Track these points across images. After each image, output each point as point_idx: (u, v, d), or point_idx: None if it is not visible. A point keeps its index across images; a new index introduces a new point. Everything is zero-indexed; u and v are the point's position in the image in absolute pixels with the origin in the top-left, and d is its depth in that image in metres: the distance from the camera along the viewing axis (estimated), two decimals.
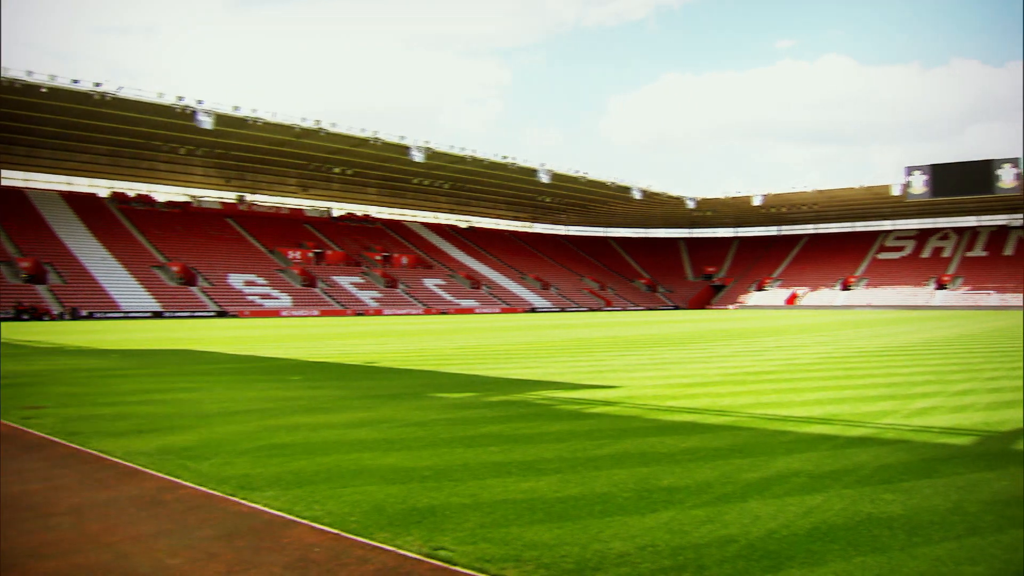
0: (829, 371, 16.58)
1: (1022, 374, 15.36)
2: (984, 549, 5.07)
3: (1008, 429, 9.36)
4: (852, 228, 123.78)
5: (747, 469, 7.34)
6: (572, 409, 11.65)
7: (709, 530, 5.51)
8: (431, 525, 5.63)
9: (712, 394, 12.91)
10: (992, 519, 5.70)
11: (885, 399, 12.04)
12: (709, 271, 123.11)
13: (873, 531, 5.47)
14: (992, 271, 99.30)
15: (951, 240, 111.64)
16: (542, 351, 23.50)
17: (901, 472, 7.15)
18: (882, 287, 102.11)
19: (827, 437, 8.96)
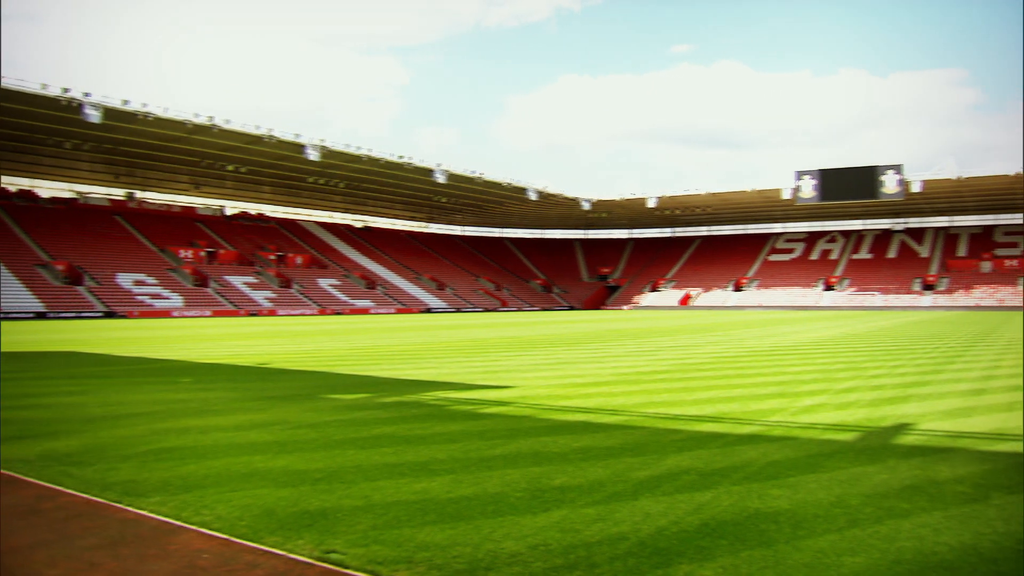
0: (720, 370, 17.08)
1: (903, 372, 16.20)
2: (864, 540, 5.34)
3: (888, 425, 9.84)
4: (744, 230, 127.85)
5: (638, 467, 7.51)
6: (466, 410, 11.68)
7: (600, 528, 5.62)
8: (323, 528, 5.59)
9: (605, 394, 13.14)
10: (872, 511, 6.00)
11: (774, 397, 12.49)
12: (604, 272, 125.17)
13: (760, 526, 5.68)
14: (877, 273, 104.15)
15: (839, 243, 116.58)
16: (437, 351, 23.46)
17: (788, 468, 7.45)
18: (773, 288, 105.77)
19: (717, 435, 9.23)
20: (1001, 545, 5.23)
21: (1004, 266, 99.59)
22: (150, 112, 62.36)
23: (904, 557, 5.01)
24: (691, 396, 12.83)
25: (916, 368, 17.09)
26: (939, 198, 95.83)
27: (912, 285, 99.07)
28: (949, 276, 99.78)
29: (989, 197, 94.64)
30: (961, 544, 5.24)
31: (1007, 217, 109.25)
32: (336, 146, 75.11)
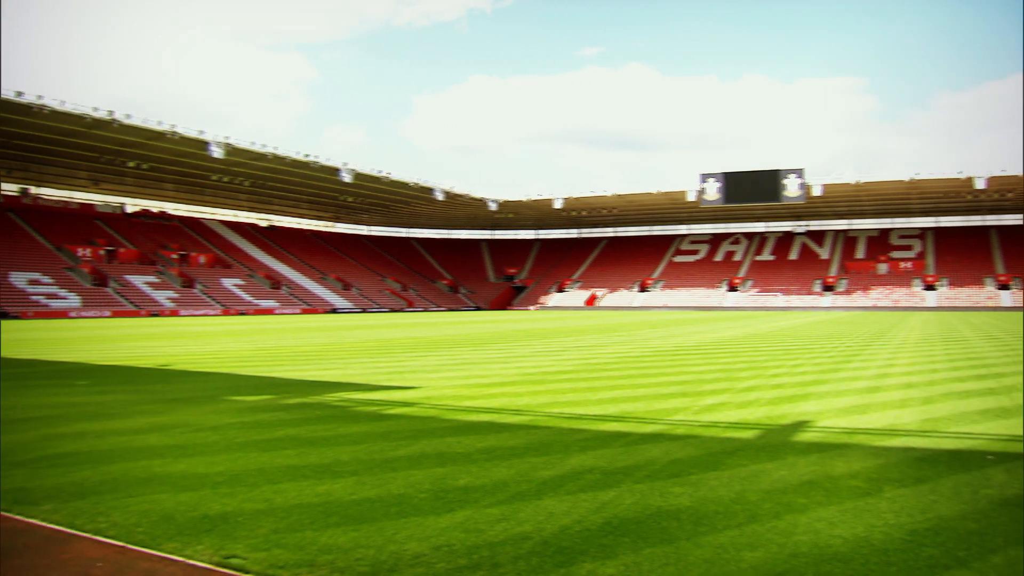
0: (625, 370, 17.35)
1: (803, 371, 16.75)
2: (762, 535, 5.51)
3: (788, 422, 10.18)
4: (650, 232, 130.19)
5: (543, 467, 7.59)
6: (370, 411, 11.61)
7: (504, 528, 5.67)
8: (223, 533, 5.50)
9: (510, 394, 13.22)
10: (770, 506, 6.19)
11: (677, 396, 12.75)
12: (511, 272, 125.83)
13: (662, 523, 5.80)
14: (779, 274, 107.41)
15: (742, 244, 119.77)
16: (342, 352, 23.21)
17: (690, 466, 7.62)
18: (678, 289, 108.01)
19: (621, 434, 9.38)
20: (891, 536, 5.46)
21: (899, 268, 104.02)
22: (46, 105, 59.83)
23: (800, 550, 5.20)
24: (595, 396, 12.99)
25: (815, 367, 17.69)
26: (839, 202, 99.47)
27: (813, 286, 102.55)
28: (848, 277, 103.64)
29: (885, 201, 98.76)
30: (854, 536, 5.46)
31: (902, 221, 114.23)
32: (241, 144, 73.74)
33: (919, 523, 5.77)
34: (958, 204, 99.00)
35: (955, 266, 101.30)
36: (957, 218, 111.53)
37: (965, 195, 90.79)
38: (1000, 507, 6.18)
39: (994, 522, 5.79)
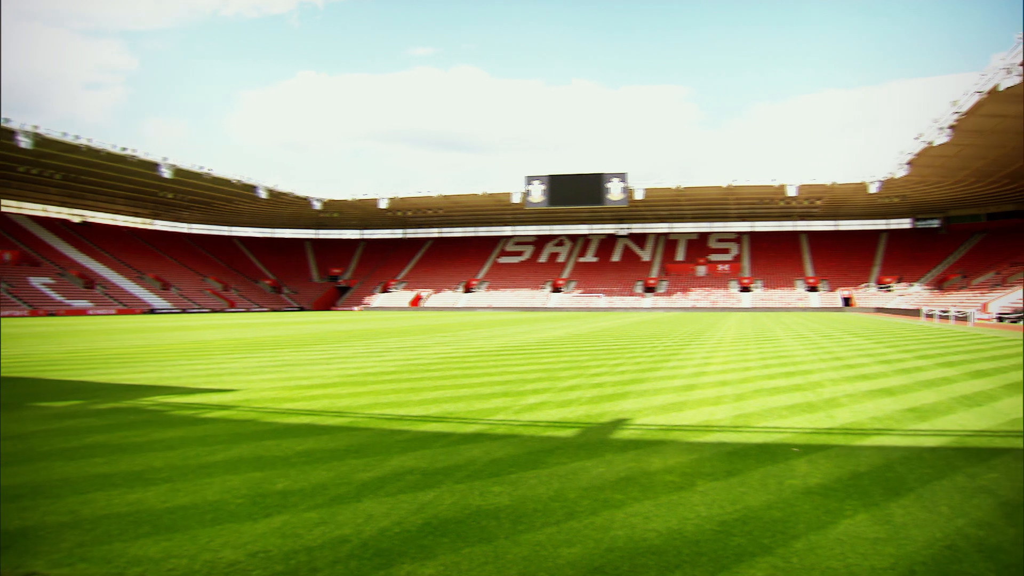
0: (447, 371, 17.44)
1: (623, 370, 17.33)
2: (580, 531, 5.70)
3: (607, 420, 10.52)
4: (475, 233, 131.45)
5: (363, 469, 7.56)
6: (186, 415, 11.18)
7: (323, 532, 5.63)
8: (22, 549, 5.24)
9: (331, 395, 13.07)
10: (588, 503, 6.40)
11: (499, 396, 12.93)
12: (335, 272, 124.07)
13: (481, 522, 5.89)
14: (602, 275, 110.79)
15: (566, 246, 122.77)
16: (158, 355, 22.20)
17: (510, 465, 7.76)
18: (502, 289, 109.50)
19: (442, 435, 9.44)
20: (703, 528, 5.77)
21: (717, 270, 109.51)
22: None
23: (617, 545, 5.40)
24: (417, 397, 13.00)
25: (635, 366, 18.35)
26: (660, 206, 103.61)
27: (635, 287, 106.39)
28: (668, 279, 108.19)
29: (704, 206, 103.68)
30: (668, 529, 5.73)
31: (720, 225, 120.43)
32: (51, 134, 68.75)
33: (729, 514, 6.11)
34: (772, 210, 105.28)
35: (769, 269, 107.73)
36: (771, 223, 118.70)
37: (778, 201, 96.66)
38: (803, 496, 6.63)
39: (797, 510, 6.21)
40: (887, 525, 5.83)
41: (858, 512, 6.16)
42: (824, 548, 5.36)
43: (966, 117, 50.15)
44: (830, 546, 5.40)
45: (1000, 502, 6.43)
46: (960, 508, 6.25)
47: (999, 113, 48.53)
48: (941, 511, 6.17)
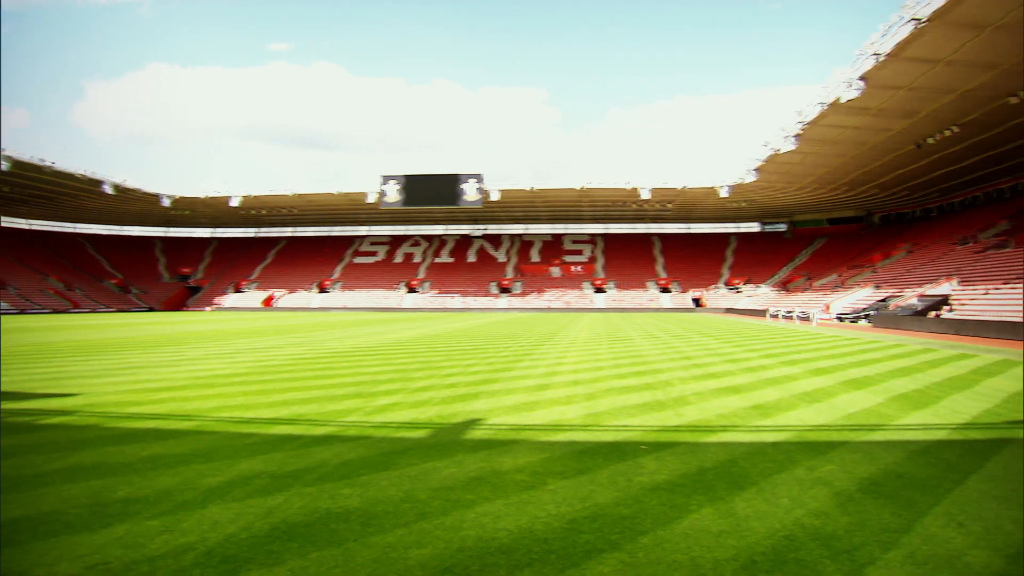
0: (299, 372, 17.13)
1: (476, 370, 17.42)
2: (430, 532, 5.71)
3: (459, 421, 10.55)
4: (330, 232, 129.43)
5: (209, 474, 7.36)
6: (22, 422, 10.56)
7: (166, 540, 5.47)
8: None
9: (179, 399, 12.64)
10: (439, 504, 6.42)
11: (351, 397, 12.80)
12: (185, 272, 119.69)
13: (331, 525, 5.82)
14: (457, 276, 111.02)
15: (421, 247, 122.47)
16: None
17: (360, 467, 7.69)
18: (357, 290, 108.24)
19: (292, 437, 9.26)
20: (552, 526, 5.87)
21: (571, 271, 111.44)
22: None
23: (467, 545, 5.44)
24: (268, 399, 12.71)
25: (488, 366, 18.48)
26: (515, 207, 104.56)
27: (489, 288, 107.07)
28: (523, 280, 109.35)
29: (559, 208, 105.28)
30: (518, 528, 5.80)
31: (574, 227, 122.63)
32: None
33: (578, 511, 6.24)
34: (625, 212, 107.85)
35: (622, 270, 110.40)
36: (624, 225, 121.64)
37: (632, 204, 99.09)
38: (651, 492, 6.84)
39: (645, 506, 6.40)
40: (730, 518, 6.08)
41: (703, 506, 6.39)
42: (670, 542, 5.55)
43: (810, 127, 52.73)
44: (676, 540, 5.59)
45: (835, 492, 6.80)
46: (798, 499, 6.58)
47: (840, 124, 51.27)
48: (781, 503, 6.48)
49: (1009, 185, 70.53)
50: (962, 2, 31.11)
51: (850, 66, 41.03)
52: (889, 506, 6.40)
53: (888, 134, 53.29)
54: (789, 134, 55.67)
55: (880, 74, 40.36)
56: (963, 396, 13.05)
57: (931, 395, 13.19)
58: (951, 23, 33.24)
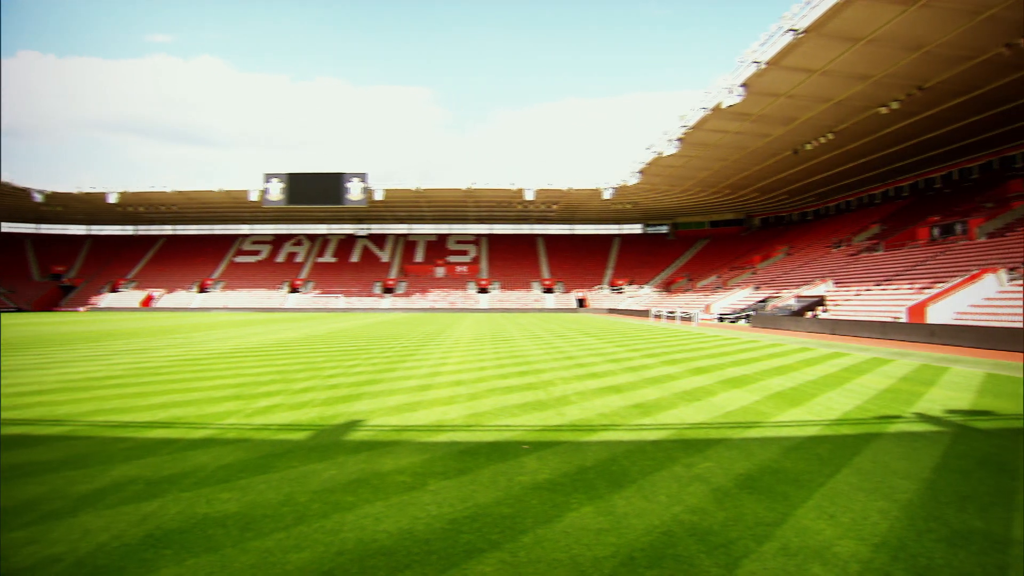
0: (178, 374, 16.62)
1: (358, 371, 17.24)
2: (310, 535, 5.63)
3: (340, 422, 10.43)
4: (211, 231, 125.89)
5: (80, 481, 7.08)
6: None
7: (33, 552, 5.25)
8: None
9: (49, 403, 12.09)
10: (319, 506, 6.34)
11: (231, 399, 12.50)
12: (58, 271, 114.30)
13: (208, 531, 5.67)
14: (340, 276, 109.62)
15: (304, 246, 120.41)
16: None
17: (239, 470, 7.52)
18: (239, 290, 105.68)
19: (169, 441, 8.98)
20: (433, 527, 5.86)
21: (456, 272, 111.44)
22: None
23: (347, 548, 5.38)
24: (145, 402, 12.29)
25: (371, 367, 18.32)
26: (400, 207, 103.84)
27: (373, 288, 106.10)
28: (407, 280, 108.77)
29: (444, 208, 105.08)
30: (399, 529, 5.77)
31: (459, 227, 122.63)
32: None
33: (459, 512, 6.25)
34: (510, 213, 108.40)
35: (506, 271, 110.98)
36: (509, 226, 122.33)
37: (516, 205, 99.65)
38: (531, 491, 6.89)
39: (526, 505, 6.45)
40: (610, 516, 6.18)
41: (583, 505, 6.47)
42: (550, 541, 5.60)
43: (692, 131, 53.94)
44: (556, 539, 5.65)
45: (712, 488, 6.99)
46: (677, 496, 6.73)
47: (721, 128, 52.71)
48: (660, 500, 6.62)
49: (880, 191, 74.06)
50: (837, 15, 32.43)
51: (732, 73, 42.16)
52: (764, 500, 6.61)
53: (768, 139, 55.17)
54: (672, 138, 56.82)
55: (760, 81, 41.69)
56: (836, 393, 13.61)
57: (806, 393, 13.71)
58: (827, 35, 34.60)
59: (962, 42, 34.27)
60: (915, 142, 54.36)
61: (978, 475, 7.44)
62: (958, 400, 12.73)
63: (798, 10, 33.61)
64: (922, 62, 37.15)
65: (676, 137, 56.22)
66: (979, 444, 8.95)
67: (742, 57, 40.07)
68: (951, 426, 10.23)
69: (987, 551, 5.36)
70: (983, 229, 44.72)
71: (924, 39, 34.22)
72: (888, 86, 41.37)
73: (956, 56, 36.18)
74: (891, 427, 10.13)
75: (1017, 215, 44.75)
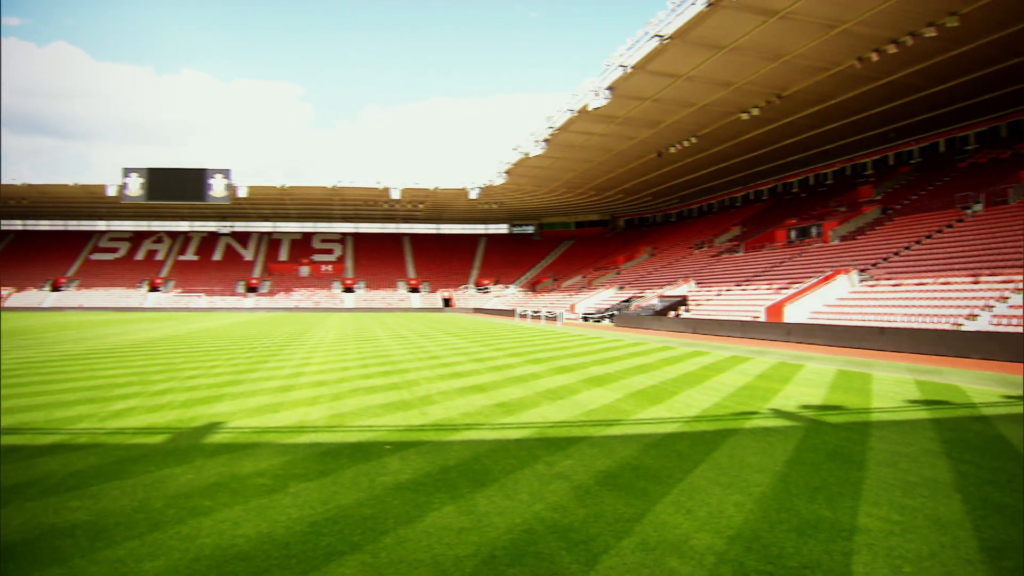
0: (26, 377, 15.71)
1: (219, 372, 16.74)
2: (165, 542, 5.41)
3: (199, 424, 10.09)
4: (66, 227, 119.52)
5: None
6: None
7: None
8: None
9: None
10: (175, 512, 6.10)
11: (84, 403, 11.91)
12: None
13: (55, 542, 5.38)
14: (203, 275, 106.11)
15: (165, 243, 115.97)
16: None
17: (91, 477, 7.16)
18: (95, 288, 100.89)
19: (15, 448, 8.49)
20: (293, 530, 5.72)
21: (321, 271, 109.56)
22: None
23: (204, 554, 5.19)
24: None
25: (232, 368, 17.82)
26: (264, 204, 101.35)
27: (236, 287, 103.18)
28: (271, 279, 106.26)
29: (309, 206, 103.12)
30: (258, 534, 5.61)
31: (324, 225, 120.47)
32: None
33: (320, 514, 6.12)
34: (376, 212, 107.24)
35: (372, 270, 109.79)
36: (375, 225, 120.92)
37: (382, 204, 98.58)
38: (393, 492, 6.82)
39: (387, 506, 6.37)
40: (472, 515, 6.16)
41: (445, 504, 6.44)
42: (412, 541, 5.55)
43: (559, 132, 54.57)
44: (418, 539, 5.59)
45: (573, 486, 7.05)
46: (538, 494, 6.77)
47: (588, 131, 53.54)
48: (522, 498, 6.64)
49: (741, 194, 77.03)
50: (702, 23, 33.40)
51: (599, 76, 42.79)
52: (624, 497, 6.70)
53: (633, 142, 56.38)
54: (539, 139, 57.36)
55: (626, 84, 42.49)
56: (695, 391, 14.01)
57: (666, 391, 14.06)
58: (691, 42, 35.61)
59: (818, 54, 36.08)
60: (774, 147, 56.86)
61: (828, 467, 7.80)
62: (811, 396, 13.34)
63: (664, 16, 34.41)
64: (781, 71, 38.89)
65: (543, 138, 56.79)
66: (829, 437, 9.39)
67: (609, 60, 40.86)
68: (804, 421, 10.71)
69: (834, 539, 5.61)
70: (836, 232, 47.07)
71: (783, 49, 35.82)
72: (749, 93, 43.06)
73: (813, 67, 38.06)
74: (748, 423, 10.51)
75: (868, 219, 47.36)
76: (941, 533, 5.70)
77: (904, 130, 51.08)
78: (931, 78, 39.22)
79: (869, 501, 6.53)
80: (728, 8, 31.42)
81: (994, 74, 38.28)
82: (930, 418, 10.96)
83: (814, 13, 31.48)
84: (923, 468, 7.72)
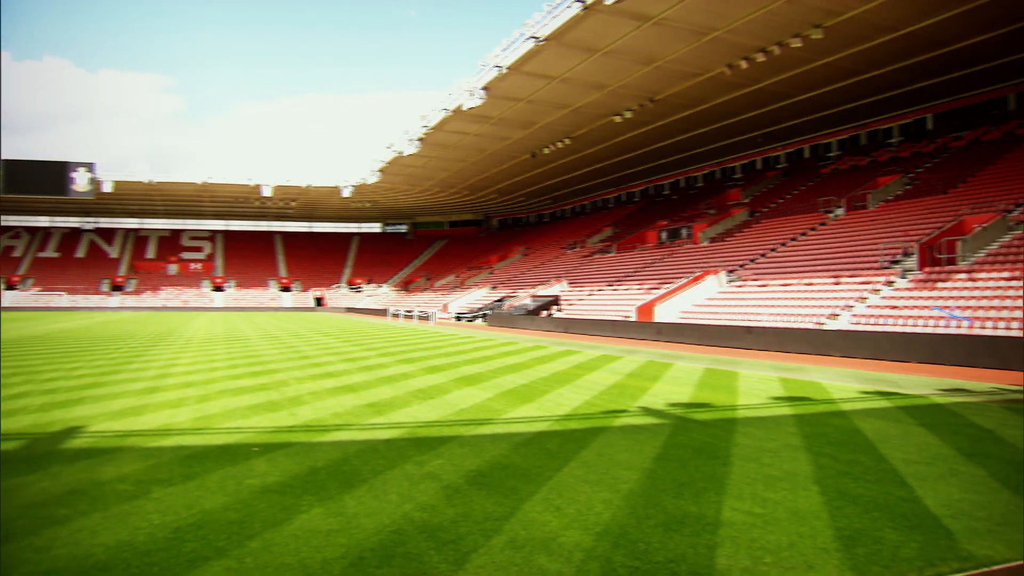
0: None
1: (80, 374, 15.95)
2: (15, 555, 5.09)
3: (57, 429, 9.58)
4: None
5: None
6: None
7: None
8: None
9: None
10: (26, 523, 5.74)
11: None
12: None
13: None
14: (64, 272, 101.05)
15: (23, 239, 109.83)
16: None
17: None
18: None
19: None
20: (155, 536, 5.47)
21: (189, 269, 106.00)
22: None
23: (58, 566, 4.91)
24: None
25: (94, 369, 17.02)
26: (131, 200, 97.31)
27: (101, 285, 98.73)
28: (138, 277, 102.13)
29: (178, 202, 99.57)
30: (118, 542, 5.34)
31: (194, 223, 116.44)
32: None
33: (184, 519, 5.88)
34: (248, 209, 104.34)
35: (243, 268, 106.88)
36: (246, 223, 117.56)
37: (254, 201, 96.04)
38: (261, 495, 6.61)
39: (254, 509, 6.17)
40: (340, 516, 6.03)
41: (314, 506, 6.28)
42: (280, 545, 5.38)
43: (433, 131, 54.07)
44: (285, 542, 5.43)
45: (443, 486, 6.99)
46: (408, 494, 6.67)
47: (462, 130, 53.36)
48: (391, 499, 6.53)
49: (614, 196, 78.39)
50: (577, 26, 33.65)
51: (475, 76, 42.64)
52: (493, 496, 6.68)
53: (507, 142, 56.57)
54: (413, 137, 56.72)
55: (501, 85, 42.50)
56: (566, 390, 14.15)
57: (537, 389, 14.15)
58: (566, 44, 35.85)
59: (690, 60, 36.98)
60: (647, 150, 58.05)
61: (694, 463, 7.97)
62: (679, 394, 13.68)
63: (540, 18, 34.57)
64: (654, 75, 39.67)
65: (417, 137, 56.26)
66: (696, 434, 9.63)
67: (484, 61, 40.80)
68: (672, 418, 10.95)
69: (699, 533, 5.72)
70: (706, 234, 48.43)
71: (656, 54, 36.55)
72: (622, 96, 43.76)
73: (685, 72, 38.99)
74: (617, 421, 10.68)
75: (736, 221, 49.03)
76: (800, 524, 5.91)
77: (772, 136, 53.12)
78: (797, 86, 40.90)
79: (733, 495, 6.71)
80: (603, 12, 31.85)
81: (855, 85, 40.24)
82: (792, 414, 11.41)
83: (687, 20, 32.26)
84: (784, 462, 8.01)
